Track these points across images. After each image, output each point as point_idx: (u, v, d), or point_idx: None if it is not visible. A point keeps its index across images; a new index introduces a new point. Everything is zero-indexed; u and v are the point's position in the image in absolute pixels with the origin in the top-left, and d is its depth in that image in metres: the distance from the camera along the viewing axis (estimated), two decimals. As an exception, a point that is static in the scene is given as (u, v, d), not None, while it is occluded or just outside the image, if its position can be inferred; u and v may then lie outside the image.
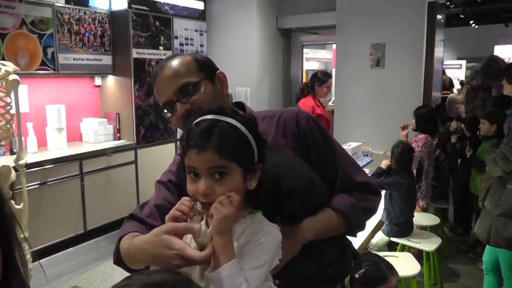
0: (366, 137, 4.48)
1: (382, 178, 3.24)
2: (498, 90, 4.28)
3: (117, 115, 4.87)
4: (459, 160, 4.41)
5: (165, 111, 1.20)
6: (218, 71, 1.25)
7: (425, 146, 3.68)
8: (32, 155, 4.05)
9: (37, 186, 3.86)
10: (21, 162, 2.21)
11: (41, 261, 3.80)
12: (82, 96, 4.89)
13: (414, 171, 3.37)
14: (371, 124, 4.73)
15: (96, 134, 4.73)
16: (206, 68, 1.21)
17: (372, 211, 1.31)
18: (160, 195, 1.24)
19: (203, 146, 0.90)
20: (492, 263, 2.86)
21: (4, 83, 1.98)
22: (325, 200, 1.19)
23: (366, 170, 3.74)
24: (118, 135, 4.89)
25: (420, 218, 3.50)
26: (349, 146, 4.00)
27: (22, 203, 2.18)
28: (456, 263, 3.90)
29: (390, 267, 1.89)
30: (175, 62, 1.19)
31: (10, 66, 2.06)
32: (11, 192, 2.10)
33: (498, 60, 4.36)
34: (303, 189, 1.11)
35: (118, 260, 1.12)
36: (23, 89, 3.93)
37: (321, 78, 4.02)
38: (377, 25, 4.61)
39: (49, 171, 3.98)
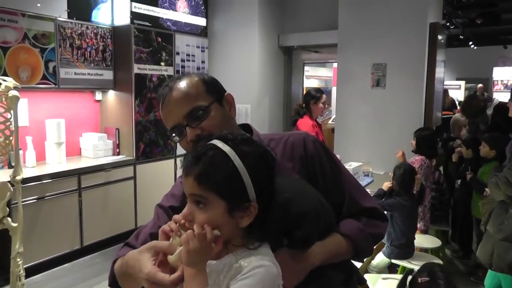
0: (367, 157, 4.46)
1: (383, 200, 3.21)
2: (484, 123, 4.35)
3: (117, 130, 4.85)
4: (458, 181, 4.38)
5: (173, 135, 1.18)
6: (226, 93, 1.24)
7: (422, 168, 3.66)
8: (30, 169, 4.02)
9: (35, 200, 3.82)
10: (18, 178, 2.18)
11: (36, 276, 3.76)
12: (82, 110, 4.88)
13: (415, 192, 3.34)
14: (372, 144, 4.72)
15: (96, 149, 4.71)
16: (214, 91, 1.20)
17: (380, 236, 1.30)
18: (157, 224, 1.19)
19: (187, 171, 0.91)
20: (494, 287, 2.82)
21: (4, 99, 1.96)
22: (333, 225, 1.18)
23: (368, 191, 3.77)
24: (118, 150, 4.87)
25: (421, 240, 3.46)
26: (350, 166, 3.99)
27: (18, 221, 2.15)
28: (459, 286, 3.85)
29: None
30: (183, 84, 1.17)
31: (10, 81, 2.05)
32: (7, 209, 2.07)
33: (476, 98, 4.50)
34: (314, 212, 1.09)
35: (113, 282, 1.11)
36: (23, 102, 3.92)
37: (314, 95, 4.01)
38: (379, 45, 4.63)
39: (47, 185, 3.94)
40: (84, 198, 4.28)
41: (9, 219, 2.08)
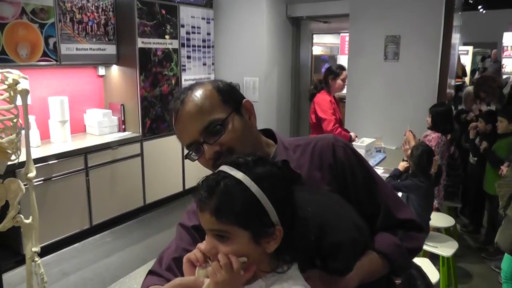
0: (378, 132, 4.37)
1: (399, 180, 3.15)
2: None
3: (122, 106, 4.74)
4: (470, 156, 4.30)
5: (190, 152, 1.08)
6: (244, 101, 1.13)
7: (439, 146, 3.59)
8: (35, 149, 3.93)
9: (42, 182, 3.76)
10: (30, 175, 2.10)
11: (47, 258, 3.75)
12: (85, 86, 4.75)
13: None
14: (384, 119, 4.62)
15: (101, 126, 4.61)
16: (231, 100, 1.09)
17: (418, 250, 1.21)
18: (180, 246, 1.12)
19: (202, 206, 0.85)
20: (511, 271, 2.79)
21: (12, 92, 1.85)
22: (369, 243, 1.10)
23: (381, 169, 3.71)
24: (123, 126, 4.77)
25: (435, 219, 3.42)
26: (362, 143, 3.91)
27: (31, 217, 2.08)
28: (468, 262, 3.83)
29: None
30: (196, 96, 1.06)
31: (16, 74, 1.93)
32: (19, 206, 2.00)
33: (497, 80, 4.37)
34: (351, 242, 1.01)
35: None
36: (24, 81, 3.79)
37: (334, 71, 3.88)
38: (392, 16, 4.45)
39: (53, 166, 3.87)
40: (92, 177, 4.22)
41: (21, 216, 2.01)
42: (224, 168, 0.87)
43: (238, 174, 0.85)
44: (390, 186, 1.25)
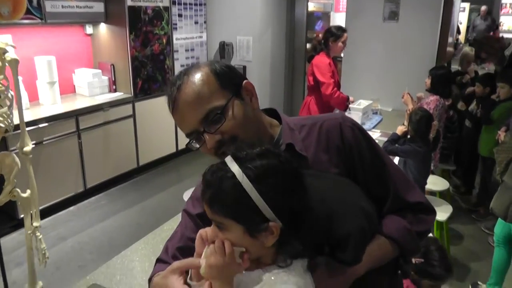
0: (375, 94, 4.33)
1: (397, 145, 3.13)
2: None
3: (112, 66, 4.60)
4: (466, 119, 4.30)
5: (191, 141, 1.03)
6: (244, 82, 1.06)
7: (437, 109, 3.56)
8: (24, 112, 3.80)
9: (33, 146, 3.64)
10: (26, 149, 2.03)
11: (42, 222, 3.72)
12: (72, 45, 4.59)
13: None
14: (381, 80, 4.56)
15: (91, 87, 4.50)
16: (230, 83, 1.02)
17: (427, 233, 1.20)
18: (185, 235, 1.09)
19: (202, 196, 0.87)
20: (504, 236, 2.84)
21: (0, 63, 1.74)
22: (377, 228, 1.07)
23: (378, 132, 3.69)
24: (114, 87, 4.65)
25: (430, 182, 3.43)
26: (359, 105, 3.87)
27: (28, 191, 2.03)
28: (459, 223, 3.91)
29: (449, 270, 1.89)
30: (193, 83, 0.99)
31: (3, 43, 1.81)
32: (15, 181, 1.95)
33: (500, 40, 4.25)
34: (360, 233, 0.97)
35: None
36: (7, 39, 3.62)
37: (335, 32, 3.75)
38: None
39: (44, 129, 3.79)
40: (84, 140, 4.16)
41: (18, 190, 1.96)
42: (227, 159, 0.85)
43: (234, 167, 0.82)
44: (399, 167, 1.21)
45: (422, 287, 1.94)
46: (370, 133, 3.52)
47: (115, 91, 4.66)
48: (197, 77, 1.00)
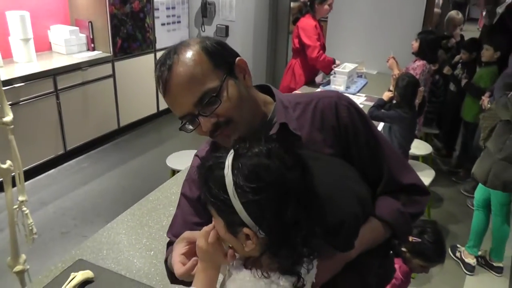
0: (359, 57, 4.27)
1: (383, 110, 3.12)
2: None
3: (90, 23, 4.40)
4: (451, 83, 4.29)
5: (185, 123, 0.99)
6: (237, 60, 1.00)
7: (423, 74, 3.54)
8: (-2, 70, 3.66)
9: (9, 106, 3.54)
10: (6, 119, 1.95)
11: (22, 184, 3.66)
12: (46, 0, 4.34)
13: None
14: (366, 42, 4.48)
15: (68, 44, 4.31)
16: (223, 61, 0.97)
17: (420, 214, 1.18)
18: (188, 220, 1.09)
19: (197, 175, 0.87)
20: (484, 200, 2.92)
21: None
22: (371, 211, 1.06)
23: (363, 96, 3.67)
24: (92, 45, 4.48)
25: (413, 146, 3.46)
26: (344, 69, 3.82)
27: (8, 161, 1.95)
28: (439, 186, 3.98)
29: (442, 255, 1.92)
30: (185, 64, 0.93)
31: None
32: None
33: None
34: (354, 220, 0.96)
35: (173, 279, 1.04)
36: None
37: None
38: None
39: (20, 90, 3.65)
40: (62, 100, 4.04)
41: (-2, 161, 1.89)
42: (232, 150, 0.81)
43: (228, 160, 0.79)
44: (394, 148, 1.19)
45: (412, 266, 1.97)
46: (355, 97, 3.56)
47: (93, 49, 4.48)
48: (189, 56, 0.94)
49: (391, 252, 1.24)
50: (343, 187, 0.98)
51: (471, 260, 2.94)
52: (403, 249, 1.90)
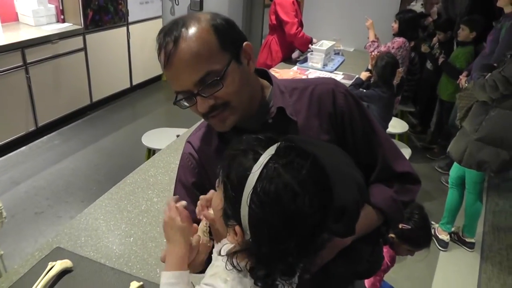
0: (336, 34, 4.24)
1: (361, 89, 3.12)
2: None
3: (59, -7, 4.20)
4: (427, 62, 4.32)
5: (180, 98, 0.95)
6: (244, 44, 0.96)
7: (400, 50, 3.55)
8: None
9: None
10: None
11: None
12: (13, -33, 4.11)
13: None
14: (343, 20, 4.45)
15: (36, 15, 4.13)
16: (231, 44, 0.93)
17: (411, 202, 1.18)
18: (189, 208, 1.04)
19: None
20: (458, 178, 2.98)
21: None
22: (367, 198, 1.06)
23: (340, 74, 3.65)
24: (62, 17, 4.29)
25: (389, 125, 3.50)
26: (321, 46, 3.78)
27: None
28: (414, 163, 4.04)
29: (429, 240, 1.93)
30: (192, 40, 0.89)
31: None
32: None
33: None
34: (355, 205, 0.96)
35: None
36: None
37: None
38: None
39: (-14, 63, 3.48)
40: (32, 75, 3.88)
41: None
42: (270, 149, 0.75)
43: (262, 158, 0.73)
44: (389, 137, 1.19)
45: (399, 251, 2.00)
46: (332, 75, 3.53)
47: (63, 21, 4.30)
48: (197, 33, 0.89)
49: (381, 240, 1.25)
50: (343, 173, 0.96)
51: (445, 237, 3.03)
52: (391, 235, 1.92)
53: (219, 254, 0.79)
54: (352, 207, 0.93)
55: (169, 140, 2.52)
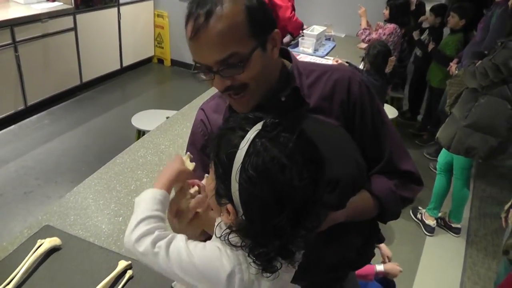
0: (327, 19, 4.23)
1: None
2: None
3: (49, -29, 4.12)
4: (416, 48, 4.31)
5: (198, 70, 0.95)
6: (274, 32, 0.96)
7: (391, 36, 3.55)
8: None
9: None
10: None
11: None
12: None
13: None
14: (334, 5, 4.44)
15: (25, -7, 4.05)
16: (260, 30, 0.92)
17: (410, 201, 1.18)
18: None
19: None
20: (446, 163, 3.02)
21: None
22: (365, 184, 1.07)
23: (330, 59, 3.64)
24: (52, -5, 4.22)
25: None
26: (313, 31, 3.76)
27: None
28: (403, 149, 4.10)
29: None
30: (223, 19, 0.87)
31: None
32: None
33: None
34: (351, 180, 0.97)
35: None
36: None
37: None
38: None
39: (-26, 41, 3.43)
40: (22, 53, 3.83)
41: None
42: (257, 125, 0.75)
43: (249, 135, 0.73)
44: (398, 135, 1.19)
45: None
46: (323, 60, 3.52)
47: (53, 0, 4.23)
48: (230, 13, 0.88)
49: (374, 239, 1.25)
50: (345, 150, 0.99)
51: (431, 222, 3.07)
52: None
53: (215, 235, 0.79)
54: (346, 180, 0.95)
55: (158, 121, 2.51)
